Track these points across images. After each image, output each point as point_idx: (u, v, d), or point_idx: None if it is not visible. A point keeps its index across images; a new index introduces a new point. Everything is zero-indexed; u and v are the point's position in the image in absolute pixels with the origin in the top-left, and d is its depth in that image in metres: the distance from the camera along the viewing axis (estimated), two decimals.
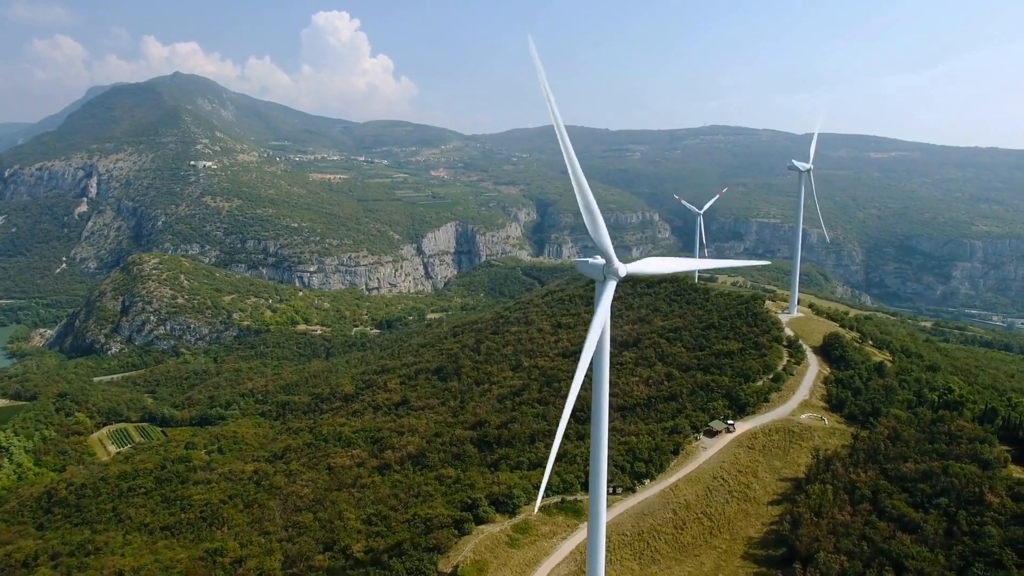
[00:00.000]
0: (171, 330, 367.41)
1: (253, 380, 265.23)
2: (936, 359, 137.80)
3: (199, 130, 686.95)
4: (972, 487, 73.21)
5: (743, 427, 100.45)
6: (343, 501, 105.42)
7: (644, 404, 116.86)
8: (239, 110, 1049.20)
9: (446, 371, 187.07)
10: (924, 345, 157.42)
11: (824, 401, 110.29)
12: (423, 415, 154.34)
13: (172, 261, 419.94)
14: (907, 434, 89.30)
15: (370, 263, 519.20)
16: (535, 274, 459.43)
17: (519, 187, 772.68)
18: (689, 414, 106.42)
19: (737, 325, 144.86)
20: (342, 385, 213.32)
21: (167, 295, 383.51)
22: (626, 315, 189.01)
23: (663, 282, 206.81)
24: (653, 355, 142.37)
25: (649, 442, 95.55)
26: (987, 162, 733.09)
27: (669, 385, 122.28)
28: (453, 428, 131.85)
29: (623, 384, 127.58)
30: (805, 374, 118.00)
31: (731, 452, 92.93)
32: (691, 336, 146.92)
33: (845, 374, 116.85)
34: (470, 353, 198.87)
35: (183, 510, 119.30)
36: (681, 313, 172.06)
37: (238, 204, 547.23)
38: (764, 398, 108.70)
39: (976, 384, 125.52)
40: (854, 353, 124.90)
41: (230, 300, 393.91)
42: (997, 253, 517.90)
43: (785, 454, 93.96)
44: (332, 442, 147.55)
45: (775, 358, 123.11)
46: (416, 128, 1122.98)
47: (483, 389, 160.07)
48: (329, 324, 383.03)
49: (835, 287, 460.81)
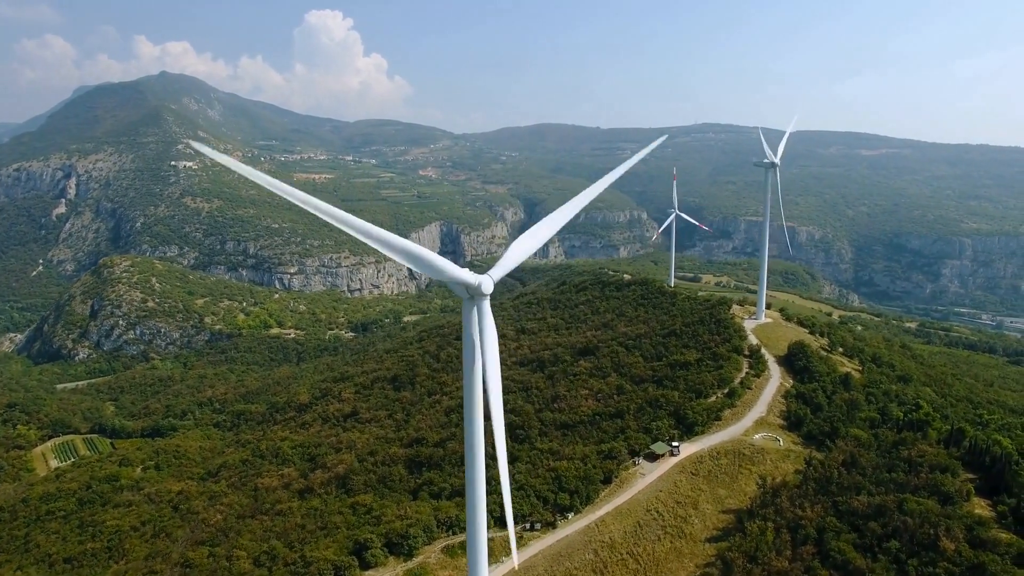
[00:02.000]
0: (141, 335, 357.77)
1: (215, 388, 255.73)
2: (909, 368, 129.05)
3: (182, 129, 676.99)
4: (927, 528, 64.45)
5: (689, 449, 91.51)
6: (248, 532, 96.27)
7: (588, 421, 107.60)
8: (227, 109, 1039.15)
9: (401, 380, 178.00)
10: (898, 352, 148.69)
11: (783, 418, 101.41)
12: (368, 428, 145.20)
13: (144, 263, 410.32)
14: (865, 459, 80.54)
15: (352, 264, 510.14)
16: (517, 275, 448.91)
17: (507, 186, 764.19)
18: (631, 435, 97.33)
19: (699, 333, 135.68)
20: (299, 394, 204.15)
21: (137, 298, 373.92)
22: (590, 320, 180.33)
23: (632, 285, 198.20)
24: (609, 365, 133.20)
25: (580, 468, 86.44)
26: (977, 159, 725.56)
27: (618, 400, 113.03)
28: (390, 445, 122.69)
29: (571, 398, 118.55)
30: (765, 387, 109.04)
31: (671, 479, 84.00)
32: (651, 344, 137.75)
33: (807, 387, 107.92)
34: (429, 360, 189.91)
35: (93, 538, 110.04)
36: (646, 318, 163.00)
37: (218, 205, 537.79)
38: (716, 416, 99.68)
39: (950, 395, 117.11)
40: (819, 364, 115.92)
41: (203, 303, 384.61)
42: (986, 251, 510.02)
43: (733, 481, 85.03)
44: (269, 458, 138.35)
45: (732, 370, 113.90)
46: (406, 127, 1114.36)
47: (433, 400, 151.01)
48: (303, 327, 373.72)
49: (822, 286, 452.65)
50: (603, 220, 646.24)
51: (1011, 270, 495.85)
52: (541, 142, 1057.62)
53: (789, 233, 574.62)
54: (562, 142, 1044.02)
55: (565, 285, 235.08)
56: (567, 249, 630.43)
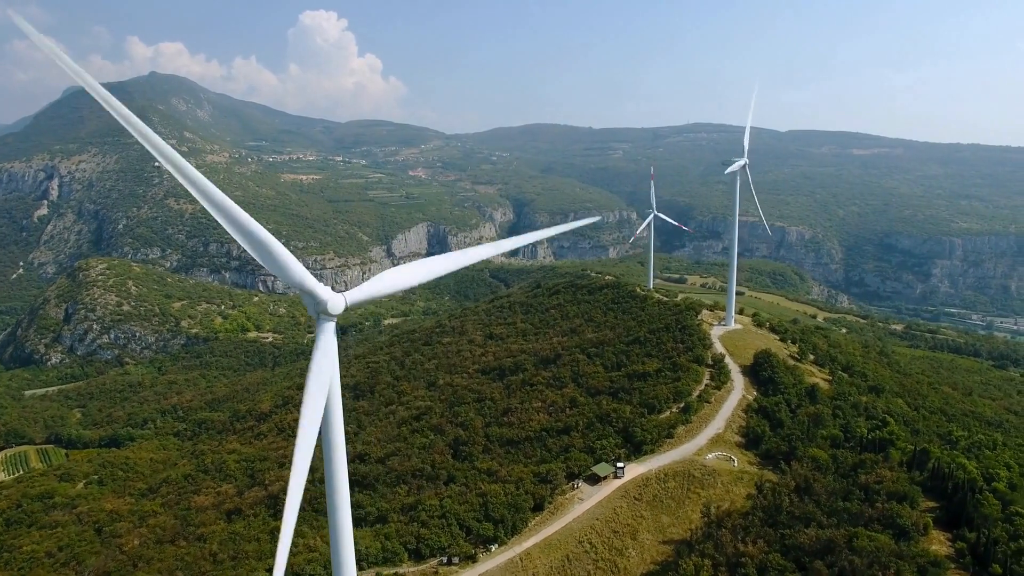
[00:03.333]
0: (115, 339, 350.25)
1: (182, 395, 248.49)
2: (882, 377, 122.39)
3: (167, 130, 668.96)
4: (876, 569, 57.82)
5: (636, 471, 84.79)
6: (159, 562, 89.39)
7: (535, 438, 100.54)
8: (217, 110, 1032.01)
9: (362, 388, 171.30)
10: (875, 359, 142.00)
11: (742, 435, 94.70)
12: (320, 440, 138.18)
13: (121, 266, 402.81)
14: (819, 485, 74.00)
15: (336, 266, 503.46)
16: (502, 276, 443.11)
17: (496, 186, 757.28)
18: (575, 454, 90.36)
19: (663, 340, 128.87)
20: (261, 402, 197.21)
21: (112, 302, 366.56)
22: (559, 325, 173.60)
23: (604, 288, 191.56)
24: (568, 375, 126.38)
25: (512, 493, 79.42)
26: (969, 158, 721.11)
27: (569, 414, 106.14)
28: None
29: (523, 411, 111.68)
30: (725, 401, 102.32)
31: (611, 505, 77.35)
32: (613, 352, 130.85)
33: (770, 401, 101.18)
34: (393, 367, 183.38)
35: (6, 565, 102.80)
36: (613, 324, 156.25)
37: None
38: (668, 433, 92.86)
39: (923, 407, 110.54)
40: (784, 375, 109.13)
41: (180, 307, 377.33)
42: (976, 251, 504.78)
43: (679, 507, 78.38)
44: (212, 473, 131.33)
45: (691, 382, 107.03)
46: (397, 127, 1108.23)
47: (389, 411, 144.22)
48: (282, 331, 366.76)
49: (811, 287, 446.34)
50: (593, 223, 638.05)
51: (1001, 270, 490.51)
52: (532, 142, 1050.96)
53: (779, 233, 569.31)
54: (553, 142, 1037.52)
55: (540, 288, 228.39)
56: (556, 250, 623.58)
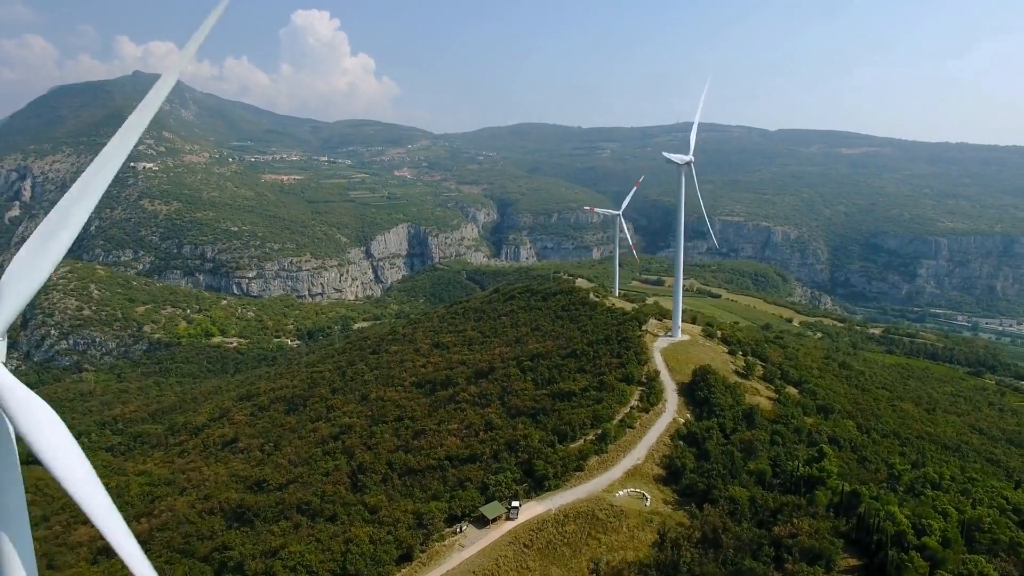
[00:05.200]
0: (74, 345, 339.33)
1: (127, 404, 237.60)
2: (835, 395, 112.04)
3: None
4: None
5: (533, 510, 74.67)
6: None
7: (438, 467, 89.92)
8: (203, 110, 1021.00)
9: (296, 401, 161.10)
10: (833, 372, 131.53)
11: (664, 466, 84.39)
12: (232, 462, 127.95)
13: (85, 269, 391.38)
14: (729, 537, 64.01)
15: (313, 268, 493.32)
16: (478, 278, 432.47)
17: (481, 186, 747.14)
18: (467, 491, 79.66)
19: (599, 354, 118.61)
20: (198, 415, 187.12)
21: (72, 306, 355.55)
22: (507, 334, 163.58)
23: (558, 294, 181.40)
24: (496, 391, 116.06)
25: (380, 541, 69.07)
26: (957, 157, 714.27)
27: (479, 439, 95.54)
28: (229, 488, 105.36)
29: (436, 434, 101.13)
30: (652, 425, 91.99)
31: (495, 554, 67.28)
32: (547, 367, 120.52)
33: (701, 426, 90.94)
34: (335, 378, 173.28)
35: None
36: (559, 333, 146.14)
37: (177, 207, 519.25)
38: (578, 465, 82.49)
39: (875, 429, 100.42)
40: (723, 395, 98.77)
41: (144, 311, 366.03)
42: (962, 250, 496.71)
43: (574, 555, 68.29)
44: (113, 498, 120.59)
45: (614, 404, 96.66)
46: (385, 127, 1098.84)
47: (314, 427, 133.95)
48: (248, 336, 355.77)
49: (794, 288, 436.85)
50: (576, 221, 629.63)
51: (987, 270, 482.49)
52: (521, 142, 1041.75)
53: (764, 233, 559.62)
54: (543, 141, 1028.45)
55: (497, 293, 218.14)
56: (539, 251, 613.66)
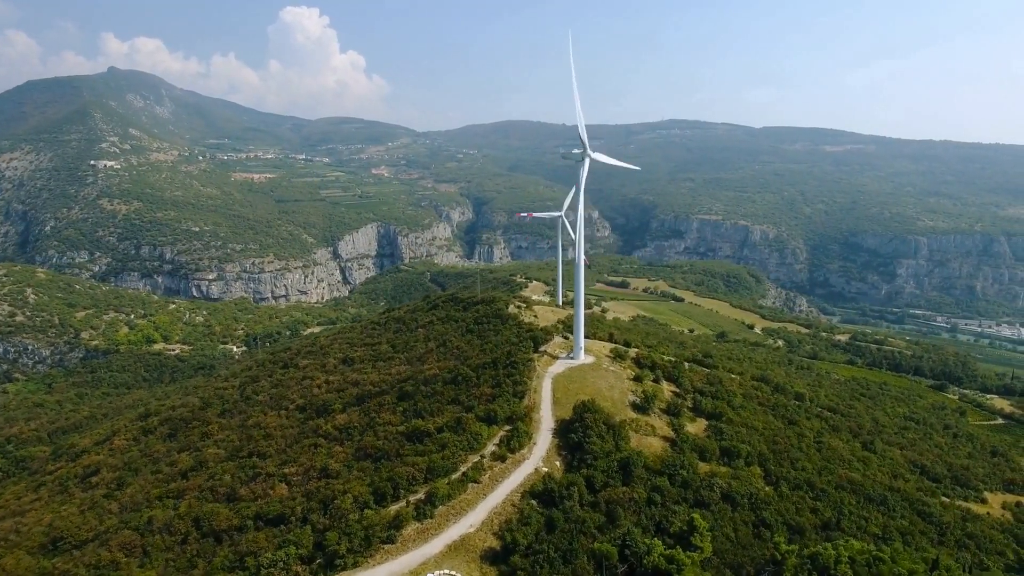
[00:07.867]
0: (5, 352, 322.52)
1: (31, 421, 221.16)
2: (747, 433, 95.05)
3: (108, 127, 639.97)
4: None
5: None
6: None
7: (237, 530, 73.38)
8: (180, 107, 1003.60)
9: (178, 425, 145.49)
10: (757, 400, 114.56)
11: (501, 536, 68.09)
12: (71, 502, 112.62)
13: (23, 272, 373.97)
14: None
15: (276, 269, 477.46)
16: (441, 280, 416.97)
17: (459, 185, 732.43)
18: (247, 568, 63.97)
19: (482, 381, 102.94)
20: (85, 437, 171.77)
21: (4, 312, 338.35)
22: (415, 349, 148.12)
23: (478, 304, 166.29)
24: (360, 425, 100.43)
25: None
26: (940, 155, 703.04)
27: (310, 489, 79.24)
28: (27, 545, 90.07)
29: (267, 481, 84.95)
30: (506, 479, 74.99)
31: None
32: (425, 395, 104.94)
33: (562, 481, 74.60)
34: (233, 396, 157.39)
35: None
36: (460, 352, 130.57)
37: (137, 207, 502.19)
38: (388, 536, 66.16)
39: (787, 478, 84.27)
40: (599, 438, 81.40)
41: (83, 316, 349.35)
42: (942, 250, 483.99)
43: None
44: None
45: (460, 451, 78.49)
46: (367, 125, 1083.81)
47: (171, 460, 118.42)
48: (192, 342, 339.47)
49: (767, 289, 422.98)
50: (551, 219, 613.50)
51: (967, 270, 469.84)
52: (504, 139, 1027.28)
53: (742, 232, 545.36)
54: (526, 139, 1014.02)
55: (427, 300, 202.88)
56: (513, 250, 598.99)
